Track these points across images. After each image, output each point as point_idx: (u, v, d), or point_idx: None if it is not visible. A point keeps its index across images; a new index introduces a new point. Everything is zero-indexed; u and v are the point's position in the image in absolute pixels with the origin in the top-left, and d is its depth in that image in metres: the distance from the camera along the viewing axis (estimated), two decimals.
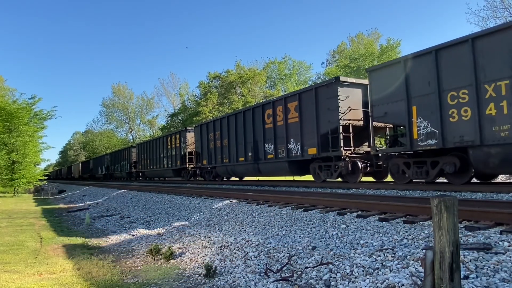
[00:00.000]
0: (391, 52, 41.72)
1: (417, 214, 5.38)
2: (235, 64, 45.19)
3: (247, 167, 16.09)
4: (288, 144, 13.38)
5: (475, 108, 7.83)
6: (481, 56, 7.73)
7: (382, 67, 10.29)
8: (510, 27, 7.38)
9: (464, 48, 8.05)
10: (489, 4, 23.18)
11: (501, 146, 7.45)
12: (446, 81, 8.42)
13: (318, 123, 12.05)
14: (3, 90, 49.75)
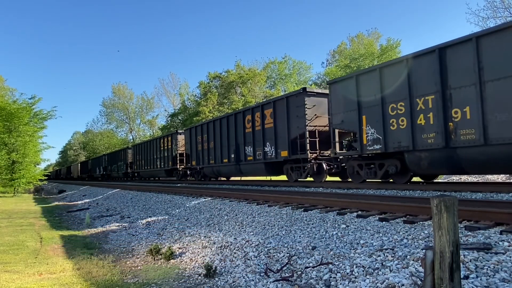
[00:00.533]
0: (391, 52, 41.72)
1: (417, 214, 5.38)
2: (235, 64, 45.23)
3: (230, 168, 17.39)
4: (265, 147, 14.69)
5: (409, 118, 9.15)
6: (414, 75, 9.08)
7: (339, 81, 11.54)
8: (434, 51, 8.62)
9: (401, 66, 9.35)
10: (489, 4, 23.19)
11: (429, 151, 8.80)
12: (387, 94, 9.72)
13: (289, 128, 13.38)
14: (3, 90, 49.76)
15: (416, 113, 9.02)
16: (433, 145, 8.63)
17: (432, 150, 8.70)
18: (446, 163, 8.62)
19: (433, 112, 8.61)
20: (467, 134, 8.03)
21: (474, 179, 13.62)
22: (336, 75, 39.64)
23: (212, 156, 18.94)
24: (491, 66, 7.53)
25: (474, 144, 7.85)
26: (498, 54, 7.43)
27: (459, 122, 8.16)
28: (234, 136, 16.76)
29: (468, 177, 14.28)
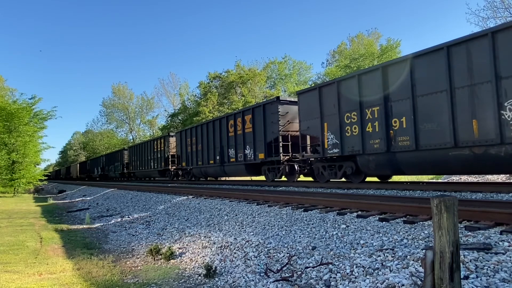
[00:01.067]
0: (391, 52, 41.72)
1: (417, 214, 5.38)
2: (235, 64, 45.20)
3: (215, 169, 18.84)
4: (245, 149, 16.01)
5: (360, 126, 10.49)
6: (364, 88, 10.42)
7: (306, 91, 12.89)
8: (378, 69, 10.04)
9: (354, 80, 10.76)
10: (489, 4, 23.15)
11: (375, 154, 10.15)
12: (344, 105, 11.07)
13: (265, 133, 14.71)
14: (3, 90, 49.75)
15: (365, 122, 10.40)
16: (378, 150, 10.01)
17: (377, 154, 10.09)
18: (388, 165, 9.94)
19: (378, 121, 10.01)
20: (403, 140, 9.38)
21: (474, 179, 13.63)
22: (336, 75, 39.65)
23: (200, 158, 20.29)
24: (421, 83, 8.89)
25: (408, 149, 9.16)
26: (426, 73, 8.79)
27: (397, 130, 9.51)
28: (219, 139, 18.17)
29: (468, 177, 14.28)
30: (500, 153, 7.51)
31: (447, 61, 8.31)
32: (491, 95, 7.61)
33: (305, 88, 13.87)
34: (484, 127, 7.75)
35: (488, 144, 7.69)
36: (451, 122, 8.23)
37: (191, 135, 21.56)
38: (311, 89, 12.67)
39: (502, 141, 7.39)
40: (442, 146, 8.43)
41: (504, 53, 7.39)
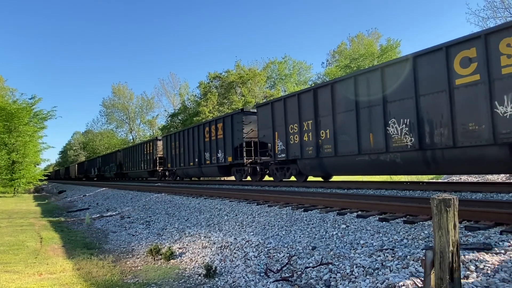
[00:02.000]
0: (391, 52, 41.73)
1: (417, 214, 5.38)
2: (235, 64, 45.13)
3: (194, 170, 21.23)
4: (218, 153, 18.28)
5: (299, 136, 12.75)
6: (302, 105, 12.69)
7: (263, 105, 15.23)
8: (310, 90, 12.36)
9: (295, 98, 13.01)
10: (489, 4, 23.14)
11: (309, 159, 12.45)
12: (289, 118, 13.32)
13: (232, 139, 16.95)
14: (3, 90, 49.71)
15: (303, 133, 12.61)
16: (311, 155, 12.27)
17: (311, 158, 12.34)
18: (318, 167, 12.29)
19: (311, 132, 12.26)
20: (327, 148, 11.65)
21: (474, 179, 13.63)
22: (336, 75, 39.66)
23: (182, 160, 22.54)
24: (339, 104, 11.22)
25: (331, 155, 11.49)
26: (341, 96, 11.12)
27: (324, 140, 11.81)
28: (197, 144, 20.49)
29: (468, 177, 14.28)
30: (386, 159, 9.86)
31: (354, 87, 10.68)
32: (381, 115, 9.85)
33: (262, 102, 16.84)
34: (376, 139, 10.01)
35: (379, 152, 9.97)
36: (356, 135, 10.55)
37: (175, 140, 23.83)
38: (266, 103, 14.98)
39: (387, 150, 9.74)
40: (352, 153, 10.73)
41: (389, 83, 9.63)
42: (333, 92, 11.39)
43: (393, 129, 9.58)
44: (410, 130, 9.17)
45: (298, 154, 12.79)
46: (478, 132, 7.82)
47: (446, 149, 8.47)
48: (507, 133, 7.30)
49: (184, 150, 22.18)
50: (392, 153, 9.63)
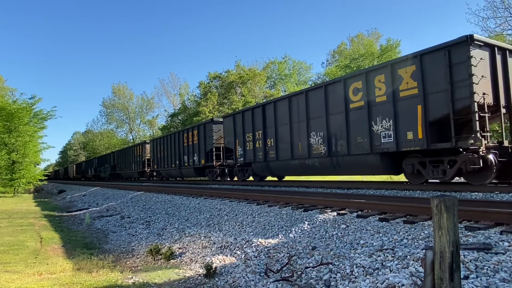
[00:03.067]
0: (391, 52, 41.70)
1: (417, 214, 5.38)
2: (235, 64, 45.13)
3: (176, 171, 24.26)
4: (194, 156, 21.13)
5: (253, 143, 15.58)
6: (255, 118, 15.59)
7: (227, 116, 18.22)
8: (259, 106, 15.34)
9: (249, 113, 15.98)
10: (489, 4, 23.15)
11: (260, 162, 15.28)
12: (246, 128, 16.13)
13: (205, 144, 19.82)
14: (3, 90, 49.70)
15: (256, 140, 15.40)
16: (261, 159, 15.05)
17: (261, 162, 15.18)
18: (267, 169, 15.22)
19: (261, 140, 15.03)
20: (271, 154, 14.39)
21: None
22: (336, 75, 39.64)
23: (166, 162, 25.36)
24: (279, 118, 14.08)
25: (274, 160, 14.30)
26: (281, 112, 14.00)
27: (269, 147, 14.57)
28: (178, 148, 23.33)
29: None
30: (309, 163, 12.60)
31: (289, 106, 13.51)
32: (305, 128, 12.57)
33: (226, 114, 20.43)
34: (303, 148, 12.69)
35: (304, 158, 12.69)
36: (290, 144, 13.28)
37: (160, 144, 26.64)
38: (229, 115, 18.09)
39: (309, 156, 12.48)
40: (287, 158, 13.49)
41: (311, 104, 12.45)
42: (275, 108, 14.31)
43: (313, 140, 12.32)
44: (323, 141, 11.89)
45: (252, 158, 15.61)
46: (363, 144, 10.42)
47: (345, 156, 11.17)
48: (378, 145, 9.98)
49: (167, 153, 25.04)
50: (312, 159, 12.42)
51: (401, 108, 9.43)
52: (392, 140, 9.65)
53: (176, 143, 23.62)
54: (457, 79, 8.21)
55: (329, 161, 11.83)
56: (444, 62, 8.42)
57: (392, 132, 9.64)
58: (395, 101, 9.57)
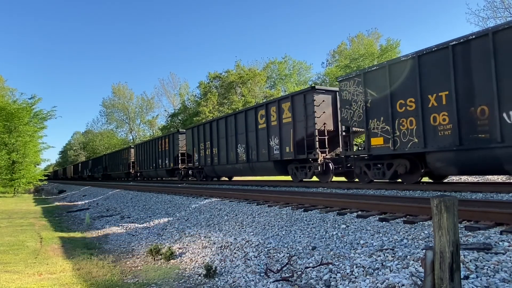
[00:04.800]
0: (391, 52, 41.72)
1: (417, 214, 5.38)
2: (235, 64, 45.17)
3: (153, 172, 28.59)
4: (166, 160, 25.57)
5: (204, 151, 19.90)
6: (205, 131, 19.97)
7: (189, 128, 22.69)
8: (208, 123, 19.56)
9: (202, 126, 20.38)
10: (489, 4, 23.18)
11: (208, 166, 19.39)
12: (200, 139, 20.53)
13: (173, 151, 24.33)
14: (3, 90, 49.68)
15: (206, 149, 19.62)
16: (209, 164, 19.34)
17: (209, 166, 19.51)
18: (213, 172, 19.47)
19: (209, 149, 19.33)
20: (215, 160, 18.69)
21: (474, 179, 13.63)
22: (336, 75, 39.63)
23: (146, 164, 29.85)
24: (220, 133, 18.24)
25: (217, 164, 18.55)
26: (220, 128, 18.15)
27: (214, 154, 18.83)
28: (155, 153, 27.62)
29: (468, 177, 14.27)
30: (237, 167, 16.94)
31: (225, 123, 17.92)
32: (235, 141, 16.91)
33: (189, 126, 24.91)
34: (233, 155, 17.01)
35: (234, 163, 17.07)
36: (226, 152, 17.74)
37: (142, 148, 31.33)
38: (189, 128, 22.71)
39: (237, 162, 16.79)
40: (225, 164, 17.90)
41: (238, 123, 16.73)
42: (218, 125, 18.66)
43: (239, 150, 16.66)
44: (245, 151, 16.20)
45: (204, 163, 19.99)
46: (265, 154, 14.90)
47: (256, 162, 15.59)
48: (272, 155, 14.49)
49: (147, 157, 29.51)
50: (239, 164, 16.77)
51: (284, 131, 13.95)
52: (279, 152, 14.19)
53: (154, 149, 27.90)
54: (308, 113, 12.70)
55: (248, 166, 16.22)
56: (302, 102, 12.98)
57: (279, 146, 14.18)
58: (280, 125, 14.13)
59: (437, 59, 8.59)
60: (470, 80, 7.98)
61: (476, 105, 7.87)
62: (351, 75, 11.01)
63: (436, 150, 8.66)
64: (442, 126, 8.52)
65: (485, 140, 7.70)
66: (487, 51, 7.60)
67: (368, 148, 10.25)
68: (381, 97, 9.92)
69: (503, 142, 7.31)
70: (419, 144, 8.96)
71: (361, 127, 10.57)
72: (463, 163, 8.37)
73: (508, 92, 7.29)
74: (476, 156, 7.99)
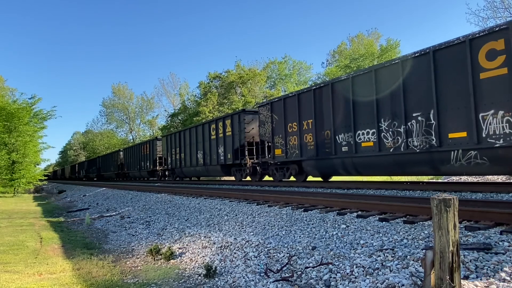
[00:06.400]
0: (391, 52, 41.72)
1: (417, 214, 5.38)
2: (235, 64, 45.12)
3: (137, 173, 33.08)
4: (147, 163, 29.75)
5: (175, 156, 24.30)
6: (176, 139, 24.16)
7: (165, 136, 26.60)
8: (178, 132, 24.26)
9: (173, 135, 24.93)
10: (489, 4, 23.17)
11: (178, 168, 23.68)
12: (173, 145, 24.52)
13: (153, 155, 28.56)
14: (3, 90, 49.70)
15: (177, 154, 23.67)
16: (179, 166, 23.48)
17: (179, 168, 23.52)
18: (182, 173, 23.43)
19: (179, 154, 23.29)
20: (183, 163, 22.65)
21: (474, 179, 13.63)
22: (336, 75, 39.64)
23: (132, 166, 34.42)
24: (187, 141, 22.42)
25: (185, 167, 22.44)
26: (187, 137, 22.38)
27: (183, 159, 22.87)
28: (139, 156, 31.88)
29: (468, 177, 14.27)
30: (198, 169, 20.93)
31: (189, 134, 22.04)
32: (196, 148, 20.94)
33: (163, 135, 30.01)
34: (196, 160, 20.89)
35: (195, 166, 20.92)
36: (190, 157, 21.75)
37: (129, 151, 35.93)
38: (164, 136, 27.21)
39: (197, 165, 20.66)
40: (190, 166, 21.80)
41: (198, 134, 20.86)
42: (184, 135, 22.88)
43: (199, 155, 20.70)
44: (202, 156, 20.21)
45: (175, 165, 24.14)
46: (215, 159, 18.76)
47: (209, 166, 19.50)
48: (220, 160, 18.21)
49: (133, 160, 33.90)
50: (199, 167, 20.77)
51: (227, 141, 17.78)
52: (223, 158, 18.03)
53: (138, 153, 32.42)
54: (241, 129, 16.75)
55: (204, 168, 20.23)
56: (237, 120, 17.15)
57: (223, 153, 18.05)
58: (225, 137, 17.95)
59: (307, 97, 12.47)
60: (322, 113, 11.89)
61: (325, 130, 11.74)
62: (264, 103, 15.20)
63: (306, 159, 12.63)
64: (309, 143, 12.42)
65: (329, 153, 11.53)
66: (329, 95, 11.46)
67: (273, 156, 14.39)
68: (280, 121, 13.92)
69: (336, 155, 11.25)
70: (299, 155, 12.92)
71: (270, 141, 14.56)
72: (319, 167, 12.39)
73: (337, 123, 11.23)
74: (325, 164, 11.94)
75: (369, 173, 11.29)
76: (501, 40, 7.33)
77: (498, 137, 7.41)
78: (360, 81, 10.49)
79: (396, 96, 9.45)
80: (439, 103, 8.45)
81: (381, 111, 9.91)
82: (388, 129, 9.73)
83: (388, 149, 9.67)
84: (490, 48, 7.57)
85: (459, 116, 8.09)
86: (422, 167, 9.20)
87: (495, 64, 7.48)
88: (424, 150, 8.81)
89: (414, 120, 9.03)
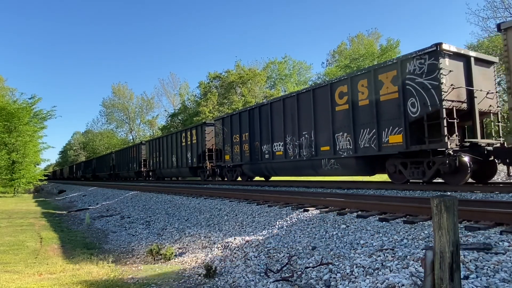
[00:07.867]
0: (391, 52, 41.68)
1: (417, 214, 5.38)
2: (235, 64, 45.11)
3: (126, 173, 36.31)
4: (134, 165, 33.04)
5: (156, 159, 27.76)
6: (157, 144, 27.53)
7: (149, 141, 31.28)
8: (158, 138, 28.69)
9: (154, 141, 29.09)
10: (489, 4, 23.18)
11: (158, 169, 27.43)
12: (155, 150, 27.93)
13: (138, 157, 31.90)
14: (3, 90, 49.67)
15: (158, 157, 27.07)
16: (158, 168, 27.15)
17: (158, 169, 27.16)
18: (161, 174, 27.03)
19: (159, 157, 26.79)
20: (161, 165, 26.42)
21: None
22: (336, 75, 39.63)
23: (122, 167, 37.47)
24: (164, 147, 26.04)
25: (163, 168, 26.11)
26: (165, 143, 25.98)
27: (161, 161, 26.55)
28: (128, 158, 35.03)
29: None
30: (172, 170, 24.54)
31: (166, 140, 25.77)
32: (171, 154, 24.53)
33: (145, 140, 33.86)
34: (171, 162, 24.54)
35: (171, 168, 24.64)
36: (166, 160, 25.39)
37: (120, 154, 39.10)
38: (148, 141, 31.22)
39: (172, 167, 24.44)
40: (166, 168, 25.48)
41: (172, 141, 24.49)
42: (162, 141, 26.14)
43: (173, 159, 23.82)
44: (176, 160, 23.35)
45: (155, 167, 27.50)
46: (185, 163, 22.11)
47: (181, 168, 22.73)
48: (189, 163, 21.65)
49: (123, 161, 37.21)
50: (173, 168, 23.89)
51: (193, 148, 21.08)
52: (191, 161, 21.36)
53: (126, 155, 35.64)
54: (203, 137, 20.17)
55: (177, 170, 23.50)
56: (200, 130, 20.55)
57: (191, 158, 21.34)
58: (192, 144, 21.19)
59: (245, 116, 16.02)
60: (254, 128, 15.44)
61: (255, 141, 15.30)
62: (218, 118, 19.27)
63: (244, 163, 16.16)
64: (246, 151, 15.97)
65: (258, 159, 15.11)
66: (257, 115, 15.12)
67: (224, 161, 17.85)
68: (228, 132, 17.37)
69: (262, 161, 14.83)
70: (240, 160, 16.49)
71: (222, 148, 17.96)
72: (253, 170, 15.93)
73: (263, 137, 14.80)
74: (256, 167, 15.50)
75: (281, 175, 14.92)
76: (346, 85, 10.84)
77: (344, 150, 10.91)
78: (276, 106, 14.08)
79: (294, 119, 13.04)
80: (316, 126, 12.03)
81: (286, 129, 13.47)
82: (290, 143, 13.33)
83: (290, 157, 13.29)
84: (340, 90, 11.08)
85: (326, 136, 11.56)
86: (309, 170, 12.74)
87: (343, 101, 10.96)
88: (308, 158, 12.35)
89: (303, 137, 12.64)
